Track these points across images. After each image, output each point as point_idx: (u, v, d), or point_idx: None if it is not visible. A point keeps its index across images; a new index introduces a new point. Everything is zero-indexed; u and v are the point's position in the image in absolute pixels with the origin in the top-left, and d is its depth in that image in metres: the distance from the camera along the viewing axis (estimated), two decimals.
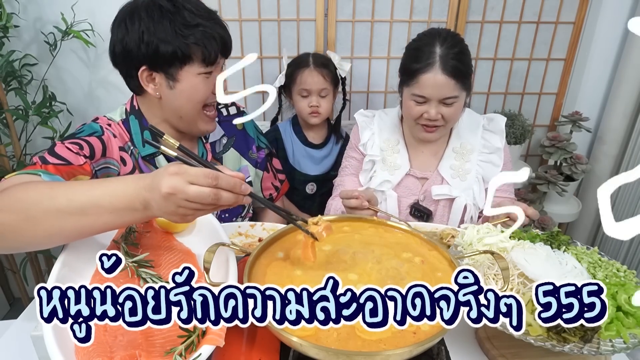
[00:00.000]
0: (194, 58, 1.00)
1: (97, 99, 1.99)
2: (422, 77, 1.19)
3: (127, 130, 1.11)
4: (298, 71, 1.64)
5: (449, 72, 1.18)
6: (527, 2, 1.91)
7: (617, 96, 2.00)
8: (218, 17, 1.04)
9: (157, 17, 0.97)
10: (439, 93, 1.20)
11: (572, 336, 0.73)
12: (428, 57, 1.19)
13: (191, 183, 0.66)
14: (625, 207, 2.03)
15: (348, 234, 0.94)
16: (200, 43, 0.98)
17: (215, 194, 0.67)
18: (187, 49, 0.98)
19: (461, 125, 1.36)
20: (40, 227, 0.74)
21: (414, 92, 1.22)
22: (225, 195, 0.69)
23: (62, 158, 0.95)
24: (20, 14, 1.79)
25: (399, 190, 1.35)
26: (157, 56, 0.98)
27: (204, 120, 1.11)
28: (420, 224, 1.20)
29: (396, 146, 1.37)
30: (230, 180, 0.69)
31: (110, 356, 0.66)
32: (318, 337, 0.68)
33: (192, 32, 0.97)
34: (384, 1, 1.89)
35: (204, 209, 0.70)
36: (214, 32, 1.00)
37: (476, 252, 0.86)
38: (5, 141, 1.85)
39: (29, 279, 2.10)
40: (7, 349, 0.87)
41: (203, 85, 1.04)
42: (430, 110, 1.22)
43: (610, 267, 0.90)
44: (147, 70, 1.01)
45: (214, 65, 1.03)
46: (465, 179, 1.32)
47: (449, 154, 1.35)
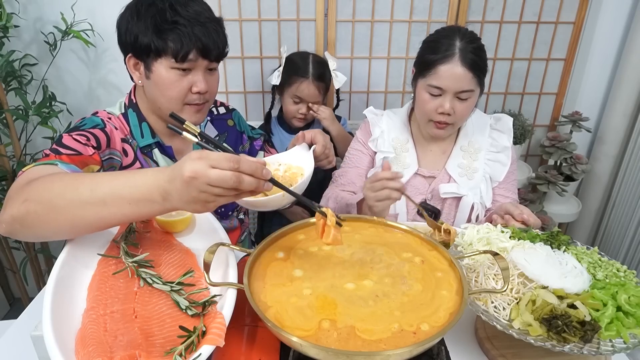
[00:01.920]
0: (167, 52, 1.02)
1: (97, 99, 1.99)
2: (441, 67, 1.19)
3: (126, 122, 1.15)
4: (296, 78, 1.67)
5: (468, 65, 1.17)
6: (527, 2, 1.91)
7: (617, 96, 2.00)
8: (208, 21, 1.04)
9: (143, 12, 1.02)
10: (455, 85, 1.19)
11: (572, 336, 0.73)
12: (447, 48, 1.19)
13: (213, 167, 0.66)
14: (625, 207, 2.03)
15: (348, 234, 0.94)
16: (171, 39, 1.01)
17: (237, 177, 0.67)
18: (161, 43, 1.02)
19: (469, 124, 1.36)
20: (64, 216, 0.76)
21: (431, 82, 1.21)
22: (247, 179, 0.68)
23: (72, 149, 0.98)
24: (20, 14, 1.79)
25: (406, 189, 1.34)
26: (136, 46, 1.03)
27: (185, 113, 1.10)
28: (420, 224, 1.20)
29: (405, 145, 1.37)
30: (252, 164, 0.69)
31: (110, 356, 0.66)
32: (318, 337, 0.68)
33: (169, 28, 1.01)
34: (384, 1, 1.89)
35: (226, 195, 0.69)
36: (190, 32, 1.01)
37: (476, 252, 0.86)
38: (5, 141, 1.85)
39: (29, 279, 2.10)
40: (7, 349, 0.87)
41: (177, 81, 1.05)
42: (444, 103, 1.21)
43: (610, 267, 0.90)
44: (134, 58, 1.07)
45: (186, 63, 1.04)
46: (472, 178, 1.32)
47: (457, 153, 1.34)
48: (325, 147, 1.15)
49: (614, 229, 2.12)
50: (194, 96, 1.08)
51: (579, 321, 0.75)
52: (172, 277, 0.81)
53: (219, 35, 1.06)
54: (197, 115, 1.13)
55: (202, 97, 1.09)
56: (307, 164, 1.09)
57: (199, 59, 1.05)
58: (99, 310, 0.73)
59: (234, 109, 1.37)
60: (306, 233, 0.94)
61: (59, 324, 0.69)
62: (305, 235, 0.93)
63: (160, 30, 1.01)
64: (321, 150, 1.13)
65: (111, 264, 0.83)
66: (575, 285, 0.81)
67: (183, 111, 1.10)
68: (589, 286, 0.83)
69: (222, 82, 2.00)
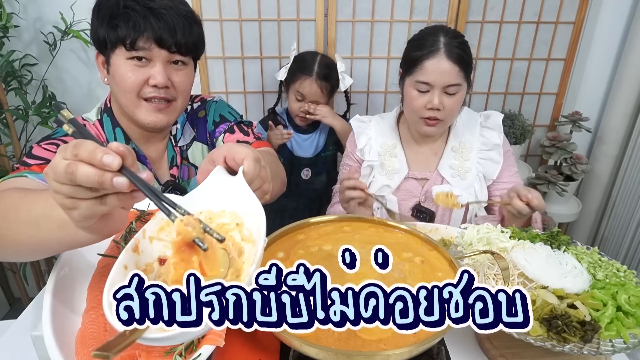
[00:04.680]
0: (121, 41, 0.98)
1: (96, 99, 1.98)
2: (426, 63, 1.19)
3: (102, 128, 1.11)
4: (300, 75, 1.68)
5: (454, 59, 1.18)
6: (527, 2, 1.91)
7: (617, 96, 2.00)
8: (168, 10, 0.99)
9: (103, 5, 0.99)
10: (443, 79, 1.19)
11: (572, 336, 0.73)
12: (432, 44, 1.20)
13: (61, 158, 0.52)
14: (625, 207, 2.03)
15: (348, 234, 0.94)
16: (123, 26, 0.96)
17: (68, 166, 0.50)
18: (112, 33, 0.98)
19: (459, 124, 1.36)
20: (5, 238, 0.71)
21: (418, 78, 1.21)
22: (82, 169, 0.50)
23: (41, 158, 0.95)
24: (20, 14, 1.79)
25: (399, 193, 1.35)
26: (97, 39, 1.01)
27: (142, 109, 1.04)
28: (420, 224, 1.20)
29: (393, 150, 1.36)
30: (90, 147, 0.50)
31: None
32: (318, 337, 0.68)
33: (120, 15, 0.97)
34: (384, 1, 1.89)
35: (77, 196, 0.52)
36: (139, 19, 0.96)
37: (476, 252, 0.86)
38: (5, 141, 1.85)
39: (29, 279, 2.10)
40: (7, 349, 0.87)
41: (131, 73, 1.00)
42: (433, 99, 1.20)
43: (610, 267, 0.90)
44: (100, 55, 1.04)
45: (141, 51, 0.98)
46: (465, 178, 1.32)
47: (448, 154, 1.34)
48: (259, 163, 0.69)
49: (614, 229, 2.12)
50: (149, 89, 1.01)
51: (579, 321, 0.75)
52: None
53: (180, 26, 1.00)
54: (155, 114, 1.03)
55: (160, 91, 1.01)
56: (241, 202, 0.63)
57: (154, 48, 0.98)
58: (99, 310, 0.73)
59: (212, 100, 1.24)
60: (306, 233, 0.94)
61: (59, 324, 0.69)
62: (305, 235, 0.93)
63: (112, 20, 0.97)
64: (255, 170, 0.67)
65: (111, 264, 0.83)
66: (575, 285, 0.81)
67: (139, 108, 1.02)
68: (589, 286, 0.83)
69: (222, 82, 2.00)
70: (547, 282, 0.81)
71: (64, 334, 0.68)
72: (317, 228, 0.95)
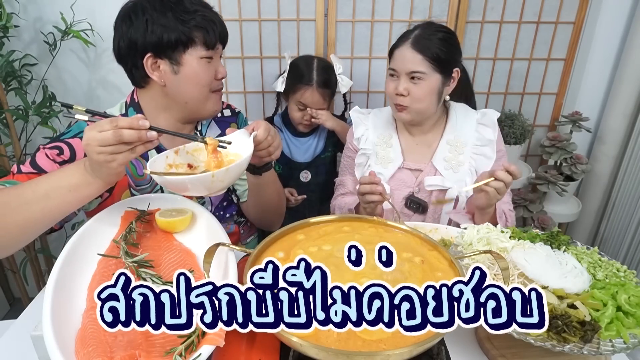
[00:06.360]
0: (196, 41, 1.06)
1: (97, 99, 1.99)
2: (395, 52, 1.30)
3: None
4: (300, 85, 1.67)
5: (418, 48, 1.25)
6: (527, 2, 1.91)
7: (617, 96, 2.00)
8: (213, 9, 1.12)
9: (159, 7, 1.04)
10: (405, 66, 1.26)
11: (572, 336, 0.73)
12: (405, 36, 1.29)
13: (99, 131, 0.78)
14: (625, 207, 2.03)
15: (348, 234, 0.94)
16: (202, 25, 1.06)
17: (117, 132, 0.77)
18: (190, 33, 1.05)
19: (455, 119, 1.38)
20: (12, 221, 0.84)
21: (389, 66, 1.32)
22: (127, 132, 0.78)
23: (37, 167, 1.02)
24: (20, 14, 1.79)
25: (393, 182, 1.38)
26: (161, 42, 1.04)
27: (212, 100, 1.16)
28: (420, 224, 1.20)
29: (389, 140, 1.41)
30: (129, 118, 0.79)
31: (110, 356, 0.66)
32: (318, 337, 0.68)
33: (192, 17, 1.05)
34: (384, 1, 1.89)
35: (119, 151, 0.79)
36: (212, 17, 1.08)
37: (476, 252, 0.86)
38: (5, 141, 1.85)
39: (29, 279, 2.10)
40: (7, 349, 0.87)
41: (205, 69, 1.10)
42: (399, 85, 1.28)
43: (610, 267, 0.90)
44: (152, 58, 1.06)
45: (214, 50, 1.10)
46: (458, 171, 1.34)
47: (443, 147, 1.37)
48: (269, 133, 1.02)
49: (614, 229, 2.12)
50: (216, 82, 1.14)
51: (579, 321, 0.75)
52: (172, 277, 0.80)
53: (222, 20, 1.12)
54: (219, 103, 1.19)
55: (221, 83, 1.16)
56: (244, 149, 0.97)
57: (219, 46, 1.11)
58: None
59: (239, 112, 1.36)
60: (306, 233, 0.94)
61: (59, 324, 0.69)
62: (305, 235, 0.93)
63: (185, 21, 1.04)
64: (264, 135, 1.00)
65: (111, 264, 0.83)
66: (575, 285, 0.81)
67: (209, 99, 1.14)
68: (589, 286, 0.83)
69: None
70: (547, 282, 0.81)
71: (64, 334, 0.68)
72: (317, 228, 0.95)
